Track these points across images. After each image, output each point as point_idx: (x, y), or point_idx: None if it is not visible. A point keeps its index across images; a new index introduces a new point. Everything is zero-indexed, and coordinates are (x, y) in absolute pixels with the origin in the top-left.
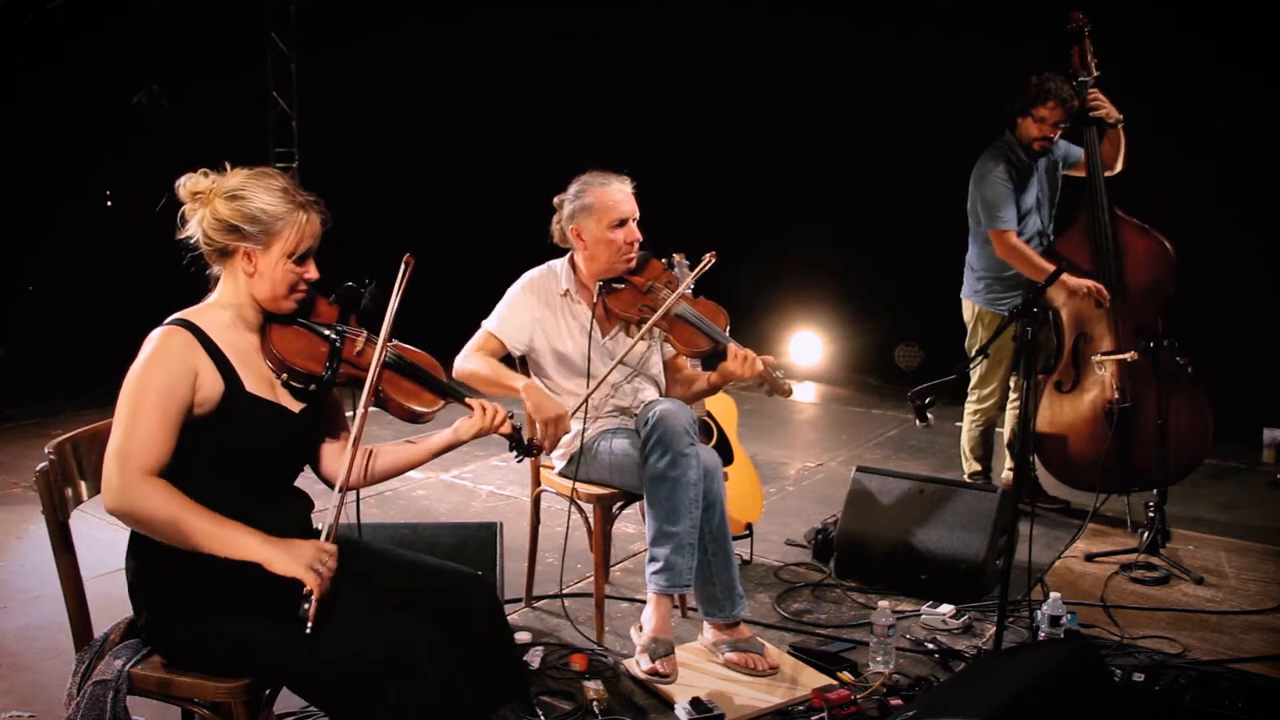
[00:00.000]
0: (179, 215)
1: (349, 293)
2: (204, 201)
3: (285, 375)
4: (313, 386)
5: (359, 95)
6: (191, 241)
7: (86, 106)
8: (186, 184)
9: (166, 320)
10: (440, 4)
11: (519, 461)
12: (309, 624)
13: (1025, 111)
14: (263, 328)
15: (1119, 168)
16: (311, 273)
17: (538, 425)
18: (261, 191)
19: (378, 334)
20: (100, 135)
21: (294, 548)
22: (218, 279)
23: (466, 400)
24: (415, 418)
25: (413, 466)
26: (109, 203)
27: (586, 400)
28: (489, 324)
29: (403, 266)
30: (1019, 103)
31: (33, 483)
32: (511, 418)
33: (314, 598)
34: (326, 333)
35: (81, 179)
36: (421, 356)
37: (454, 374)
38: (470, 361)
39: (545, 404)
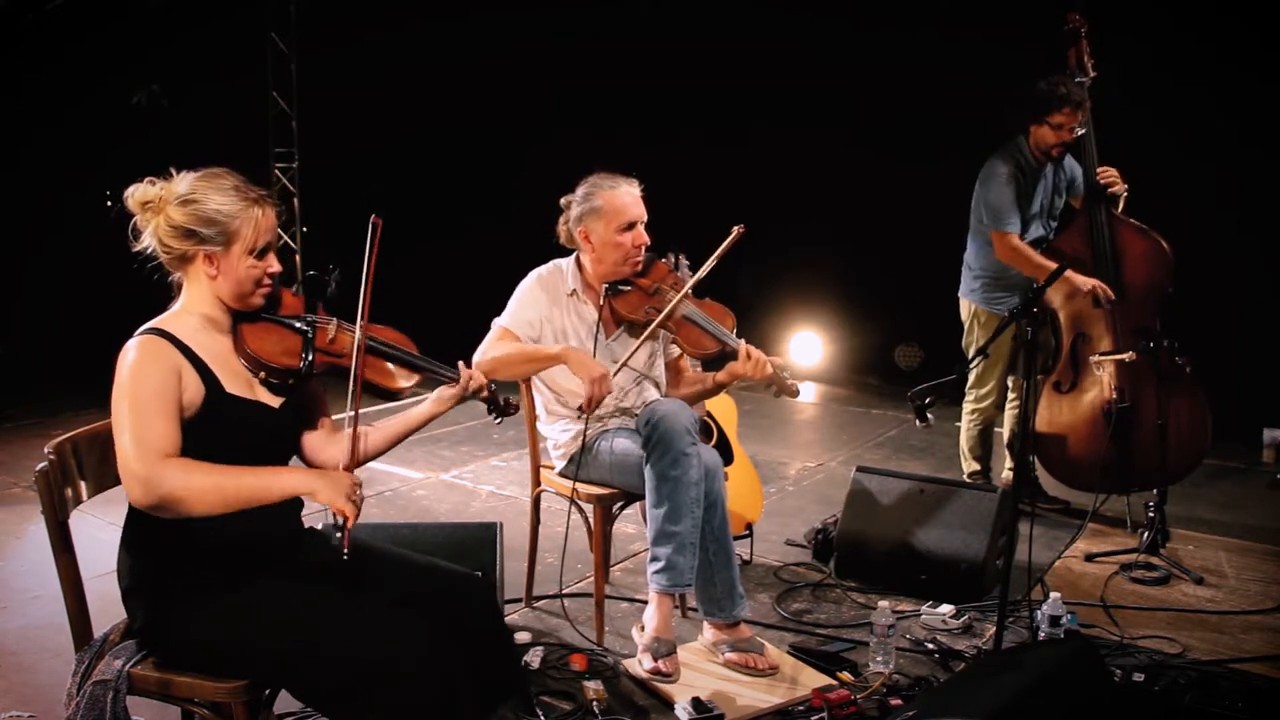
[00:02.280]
0: (130, 227)
1: (313, 282)
2: (155, 210)
3: (263, 373)
4: (291, 381)
5: (359, 95)
6: (149, 252)
7: (86, 106)
8: (135, 194)
9: (137, 332)
10: (440, 4)
11: (498, 422)
12: (345, 551)
13: (1040, 119)
14: (233, 328)
15: None
16: (274, 265)
17: (584, 385)
18: (213, 193)
19: (349, 321)
20: (100, 135)
21: (333, 478)
22: (180, 286)
23: (450, 372)
24: (394, 396)
25: (399, 441)
26: (109, 203)
27: (622, 367)
28: (503, 321)
29: (370, 228)
30: (1031, 111)
31: (33, 483)
32: (492, 386)
33: (348, 526)
34: (298, 325)
35: (81, 179)
36: (393, 334)
37: (477, 368)
38: (494, 350)
39: (589, 364)
